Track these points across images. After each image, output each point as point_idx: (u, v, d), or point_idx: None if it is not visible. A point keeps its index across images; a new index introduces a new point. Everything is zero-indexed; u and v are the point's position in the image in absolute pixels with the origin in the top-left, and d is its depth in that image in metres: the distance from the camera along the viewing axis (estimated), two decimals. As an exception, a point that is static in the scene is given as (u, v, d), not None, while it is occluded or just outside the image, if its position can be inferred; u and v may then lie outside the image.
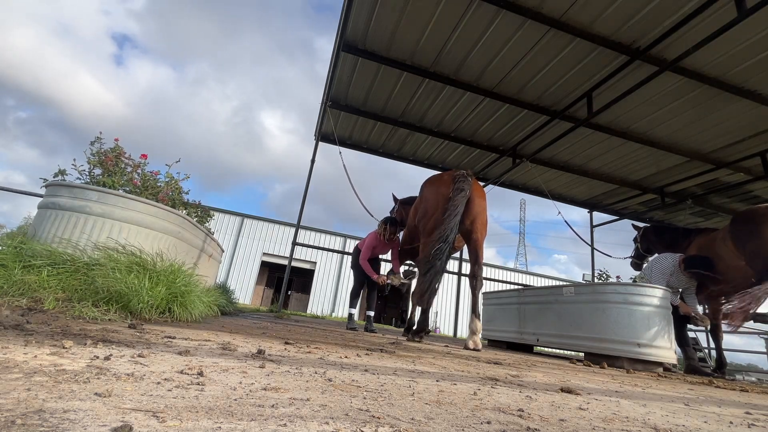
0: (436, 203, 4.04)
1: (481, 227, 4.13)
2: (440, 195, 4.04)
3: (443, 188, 4.06)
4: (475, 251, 4.11)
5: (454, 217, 3.78)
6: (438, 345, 4.05)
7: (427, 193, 4.31)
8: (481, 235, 4.13)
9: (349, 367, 1.48)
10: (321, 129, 7.22)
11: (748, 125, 5.69)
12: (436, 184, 4.23)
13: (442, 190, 4.06)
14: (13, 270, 2.11)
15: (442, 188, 4.07)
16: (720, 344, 5.17)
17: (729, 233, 4.82)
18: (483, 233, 4.17)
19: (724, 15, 3.96)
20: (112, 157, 3.63)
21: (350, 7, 4.63)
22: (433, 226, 3.93)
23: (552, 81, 5.47)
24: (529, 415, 1.01)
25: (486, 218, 4.21)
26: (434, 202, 4.08)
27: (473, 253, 4.15)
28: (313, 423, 0.70)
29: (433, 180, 4.42)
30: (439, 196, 4.05)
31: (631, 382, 2.53)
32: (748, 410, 1.74)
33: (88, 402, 0.66)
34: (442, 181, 4.17)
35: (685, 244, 5.52)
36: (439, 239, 3.70)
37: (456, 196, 3.86)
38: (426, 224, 4.11)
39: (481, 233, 4.14)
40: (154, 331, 1.71)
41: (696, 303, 5.06)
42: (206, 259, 4.14)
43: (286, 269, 6.71)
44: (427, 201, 4.21)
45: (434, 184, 4.29)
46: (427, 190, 4.36)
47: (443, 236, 3.71)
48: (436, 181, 4.33)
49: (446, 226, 3.74)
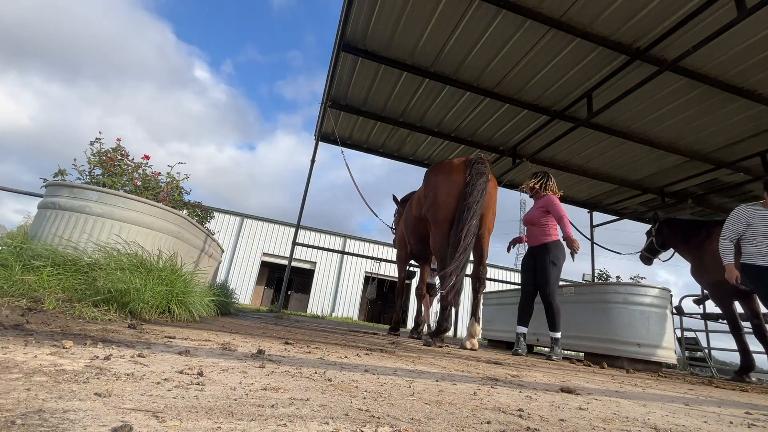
0: (449, 190, 3.71)
1: (491, 221, 3.94)
2: (452, 182, 3.73)
3: (455, 175, 3.76)
4: (481, 248, 3.89)
5: (477, 203, 3.46)
6: (437, 345, 4.04)
7: (435, 180, 3.94)
8: (489, 230, 3.93)
9: (349, 367, 1.48)
10: (321, 129, 7.23)
11: (748, 125, 5.69)
12: (446, 170, 3.89)
13: (454, 177, 3.75)
14: (14, 270, 2.11)
15: (454, 175, 3.77)
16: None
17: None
18: (491, 228, 3.98)
19: (724, 15, 3.96)
20: (114, 157, 3.63)
21: (350, 7, 4.63)
22: (445, 215, 3.65)
23: (552, 81, 5.47)
24: (529, 415, 1.01)
25: (496, 210, 4.02)
26: (446, 189, 3.74)
27: (478, 251, 3.91)
28: (313, 423, 0.70)
29: (441, 166, 4.05)
30: (452, 182, 3.73)
31: (631, 382, 2.53)
32: (748, 410, 1.74)
33: (88, 402, 0.66)
34: (453, 167, 3.85)
35: (704, 237, 5.10)
36: (465, 231, 3.34)
37: (478, 181, 3.54)
38: (436, 214, 3.77)
39: (490, 228, 3.94)
40: (154, 331, 1.71)
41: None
42: (206, 259, 4.14)
43: (286, 269, 6.71)
44: (437, 189, 3.84)
45: (444, 170, 3.95)
46: (435, 177, 3.99)
47: (468, 229, 3.35)
48: (445, 167, 3.97)
49: (470, 215, 3.39)
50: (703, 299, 6.58)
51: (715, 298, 4.95)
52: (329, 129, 7.38)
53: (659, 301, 4.17)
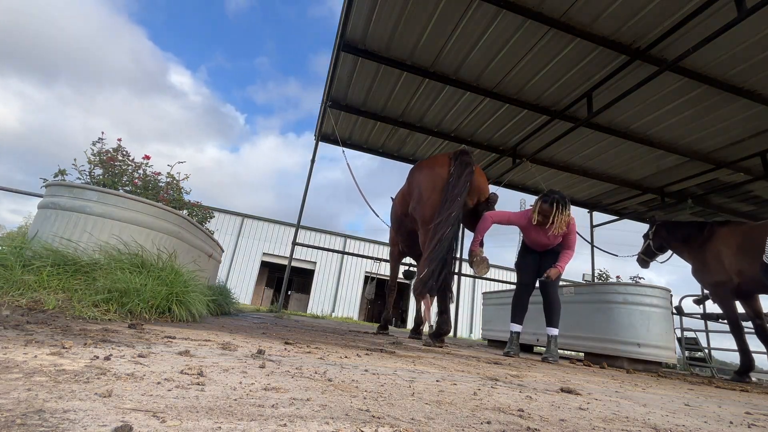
0: (433, 185, 3.62)
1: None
2: (437, 176, 3.64)
3: (439, 168, 3.66)
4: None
5: (461, 195, 3.38)
6: (437, 345, 4.03)
7: (420, 176, 3.85)
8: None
9: (349, 367, 1.48)
10: (321, 129, 7.23)
11: (748, 125, 5.69)
12: (430, 166, 3.80)
13: (437, 171, 3.66)
14: (14, 270, 2.11)
15: (438, 168, 3.67)
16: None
17: None
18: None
19: (724, 15, 3.96)
20: (114, 157, 3.64)
21: (350, 7, 4.63)
22: (432, 212, 3.53)
23: (552, 81, 5.47)
24: (530, 415, 1.01)
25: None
26: (430, 184, 3.66)
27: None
28: (313, 423, 0.70)
29: (425, 163, 3.95)
30: (436, 176, 3.64)
31: (631, 382, 2.53)
32: (748, 410, 1.74)
33: (88, 402, 0.66)
34: (437, 162, 3.75)
35: (704, 238, 5.02)
36: (447, 222, 3.27)
37: (463, 172, 3.46)
38: (423, 211, 3.66)
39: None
40: (154, 331, 1.71)
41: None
42: (206, 258, 4.14)
43: (286, 269, 6.71)
44: (422, 184, 3.76)
45: (427, 165, 3.86)
46: (419, 173, 3.90)
47: (450, 218, 3.29)
48: (428, 162, 3.89)
49: (453, 206, 3.33)
50: (703, 299, 6.57)
51: (716, 298, 4.95)
52: (329, 129, 7.39)
53: (659, 301, 4.17)
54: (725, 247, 4.71)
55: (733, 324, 4.80)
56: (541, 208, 3.51)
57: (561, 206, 3.42)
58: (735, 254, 4.59)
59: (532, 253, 3.95)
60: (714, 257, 4.76)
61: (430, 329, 3.57)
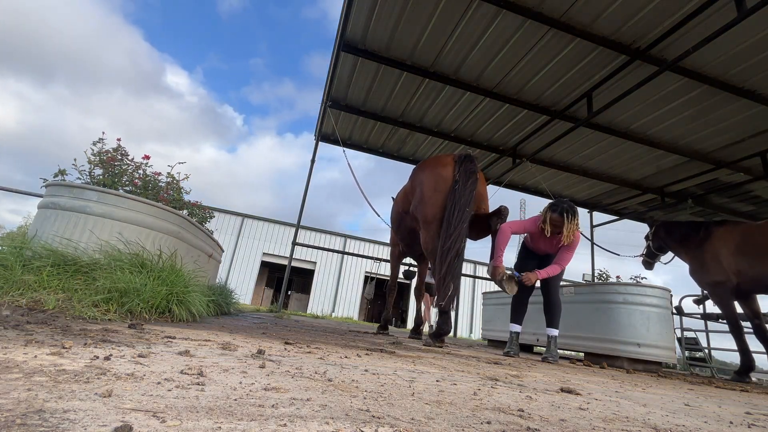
0: (435, 185, 3.64)
1: (486, 211, 3.91)
2: (439, 176, 3.65)
3: (442, 169, 3.67)
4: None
5: (469, 206, 3.37)
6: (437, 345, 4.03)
7: (422, 176, 3.85)
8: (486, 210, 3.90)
9: (349, 367, 1.48)
10: (321, 129, 7.23)
11: (748, 125, 5.69)
12: (433, 166, 3.81)
13: (440, 171, 3.66)
14: (14, 270, 2.11)
15: (440, 169, 3.68)
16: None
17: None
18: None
19: (724, 15, 3.96)
20: (114, 157, 3.64)
21: (350, 7, 4.63)
22: (433, 212, 3.56)
23: (552, 81, 5.47)
24: (530, 415, 1.01)
25: (488, 208, 3.98)
26: (432, 185, 3.67)
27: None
28: (313, 423, 0.70)
29: (428, 162, 3.96)
30: (439, 177, 3.65)
31: (631, 382, 2.53)
32: (748, 410, 1.74)
33: (88, 402, 0.66)
34: (441, 162, 3.76)
35: (701, 238, 5.01)
36: (460, 238, 3.27)
37: (468, 181, 3.45)
38: (425, 210, 3.68)
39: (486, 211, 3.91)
40: (154, 331, 1.71)
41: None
42: (206, 258, 4.14)
43: (286, 269, 6.71)
44: (424, 184, 3.76)
45: (430, 165, 3.85)
46: (422, 173, 3.90)
47: (459, 233, 3.27)
48: (432, 162, 3.89)
49: (461, 218, 3.32)
50: (703, 299, 6.57)
51: (715, 298, 4.95)
52: (329, 129, 7.38)
53: (659, 301, 4.17)
54: (724, 247, 4.71)
55: (733, 324, 4.80)
56: (552, 219, 3.54)
57: (570, 215, 3.49)
58: (734, 254, 4.59)
59: (533, 256, 4.00)
60: (712, 257, 4.76)
61: (430, 329, 3.57)
